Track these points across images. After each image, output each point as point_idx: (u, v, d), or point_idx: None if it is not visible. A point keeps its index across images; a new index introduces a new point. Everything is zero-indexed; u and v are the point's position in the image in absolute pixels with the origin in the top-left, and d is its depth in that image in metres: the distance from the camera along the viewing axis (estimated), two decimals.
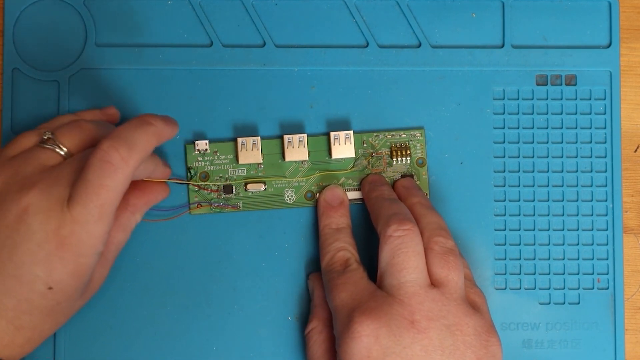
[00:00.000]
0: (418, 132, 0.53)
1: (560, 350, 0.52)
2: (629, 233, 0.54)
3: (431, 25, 0.53)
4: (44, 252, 0.43)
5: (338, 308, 0.47)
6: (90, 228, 0.43)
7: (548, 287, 0.53)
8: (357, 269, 0.48)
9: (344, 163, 0.52)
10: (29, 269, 0.43)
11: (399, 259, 0.46)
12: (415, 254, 0.47)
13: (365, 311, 0.45)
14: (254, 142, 0.51)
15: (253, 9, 0.53)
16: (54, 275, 0.43)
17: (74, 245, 0.43)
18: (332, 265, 0.49)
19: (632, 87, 0.54)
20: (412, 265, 0.46)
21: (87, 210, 0.43)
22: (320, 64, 0.53)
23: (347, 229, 0.51)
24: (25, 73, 0.52)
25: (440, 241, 0.48)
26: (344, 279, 0.48)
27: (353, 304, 0.46)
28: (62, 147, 0.46)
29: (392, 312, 0.45)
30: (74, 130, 0.46)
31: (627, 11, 0.54)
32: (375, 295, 0.46)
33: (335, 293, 0.47)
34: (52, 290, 0.43)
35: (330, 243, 0.50)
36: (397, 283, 0.46)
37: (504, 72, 0.53)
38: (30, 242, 0.43)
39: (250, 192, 0.52)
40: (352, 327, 0.45)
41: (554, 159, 0.53)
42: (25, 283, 0.43)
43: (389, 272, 0.47)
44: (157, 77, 0.52)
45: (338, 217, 0.51)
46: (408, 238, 0.47)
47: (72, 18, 0.52)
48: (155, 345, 0.51)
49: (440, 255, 0.47)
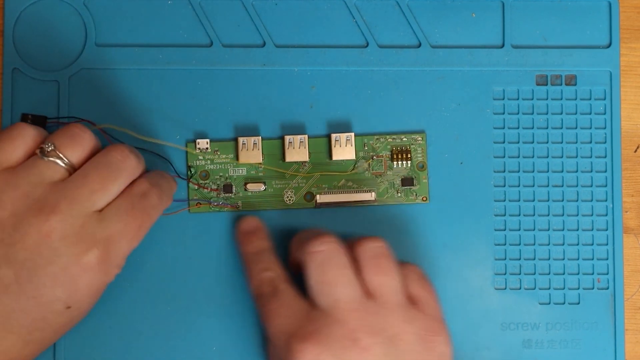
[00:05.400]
0: (419, 136, 0.53)
1: (560, 350, 0.52)
2: (629, 233, 0.54)
3: (431, 25, 0.53)
4: (69, 274, 0.43)
5: (276, 335, 0.45)
6: (124, 248, 0.44)
7: (548, 287, 0.53)
8: (286, 289, 0.47)
9: (344, 165, 0.52)
10: (50, 290, 0.43)
11: (328, 275, 0.45)
12: (343, 266, 0.46)
13: (304, 337, 0.44)
14: (254, 141, 0.51)
15: (253, 9, 0.53)
16: (75, 296, 0.43)
17: (102, 266, 0.43)
18: (260, 289, 0.48)
19: (632, 87, 0.54)
20: (344, 279, 0.45)
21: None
22: (320, 64, 0.53)
23: (268, 251, 0.49)
24: (25, 73, 0.52)
25: (367, 244, 0.47)
26: (276, 303, 0.46)
27: (290, 329, 0.45)
28: (65, 159, 0.45)
29: (332, 333, 0.44)
30: (74, 141, 0.46)
31: (627, 11, 0.54)
32: (312, 316, 0.45)
33: (270, 319, 0.46)
34: (70, 309, 0.44)
35: (254, 267, 0.49)
36: (332, 300, 0.45)
37: (504, 72, 0.53)
38: (54, 265, 0.43)
39: (249, 192, 0.52)
40: (293, 356, 0.44)
41: (554, 159, 0.53)
42: (44, 304, 0.43)
43: (319, 290, 0.46)
44: (157, 77, 0.52)
45: (257, 241, 0.50)
46: (334, 250, 0.46)
47: (72, 18, 0.52)
48: (155, 345, 0.51)
49: (371, 261, 0.46)
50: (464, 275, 0.52)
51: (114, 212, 0.45)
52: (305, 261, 0.46)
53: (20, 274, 0.43)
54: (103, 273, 0.44)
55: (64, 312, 0.44)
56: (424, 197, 0.52)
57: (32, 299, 0.43)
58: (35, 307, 0.43)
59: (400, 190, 0.52)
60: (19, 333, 0.43)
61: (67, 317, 0.44)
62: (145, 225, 0.46)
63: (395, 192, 0.52)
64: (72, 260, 0.43)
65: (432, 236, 0.52)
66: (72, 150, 0.45)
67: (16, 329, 0.43)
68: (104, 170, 0.45)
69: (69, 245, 0.43)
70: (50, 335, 0.45)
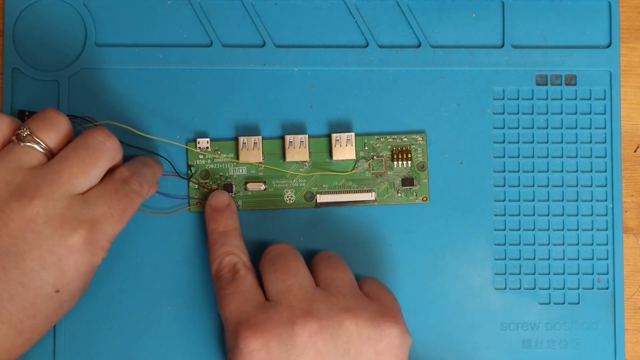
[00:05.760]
0: (420, 136, 0.53)
1: (560, 350, 0.52)
2: (629, 233, 0.54)
3: (431, 25, 0.54)
4: (55, 257, 0.43)
5: (228, 320, 0.46)
6: (109, 231, 0.44)
7: (548, 287, 0.53)
8: (245, 275, 0.47)
9: (345, 165, 0.52)
10: (38, 274, 0.43)
11: (279, 264, 0.47)
12: (295, 259, 0.47)
13: (253, 326, 0.44)
14: (255, 141, 0.52)
15: (253, 9, 0.53)
16: (63, 278, 0.43)
17: (88, 247, 0.43)
18: (220, 272, 0.48)
19: (632, 87, 0.54)
20: (295, 269, 0.47)
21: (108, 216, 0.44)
22: (320, 64, 0.53)
23: (235, 231, 0.50)
24: (25, 73, 0.52)
25: (321, 252, 0.49)
26: (232, 288, 0.47)
27: (241, 316, 0.45)
28: (43, 143, 0.45)
29: (281, 320, 0.44)
30: (50, 125, 0.45)
31: (627, 11, 0.54)
32: (264, 306, 0.45)
33: (224, 304, 0.46)
34: (59, 292, 0.43)
35: (218, 248, 0.49)
36: (283, 287, 0.46)
37: (504, 72, 0.53)
38: (40, 248, 0.43)
39: (250, 192, 0.52)
40: (240, 344, 0.44)
41: (554, 159, 0.53)
42: (32, 289, 0.43)
43: (272, 278, 0.46)
44: (157, 77, 0.52)
45: (224, 220, 0.50)
46: (287, 247, 0.48)
47: (72, 18, 0.52)
48: (155, 344, 0.51)
49: (323, 259, 0.48)
50: (464, 275, 0.52)
51: (97, 195, 0.44)
52: (261, 260, 0.48)
53: (5, 260, 0.42)
54: (90, 254, 0.44)
55: (54, 297, 0.43)
56: (424, 197, 0.52)
57: (20, 284, 0.43)
58: (24, 293, 0.43)
59: (400, 190, 0.52)
60: (9, 322, 0.43)
61: (56, 302, 0.44)
62: (129, 210, 0.46)
63: (396, 192, 0.52)
64: (58, 242, 0.43)
65: (432, 236, 0.52)
66: (49, 134, 0.45)
67: (6, 318, 0.43)
68: (83, 152, 0.45)
69: (54, 227, 0.43)
70: (42, 323, 0.44)
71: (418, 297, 0.52)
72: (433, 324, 0.52)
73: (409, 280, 0.52)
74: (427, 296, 0.52)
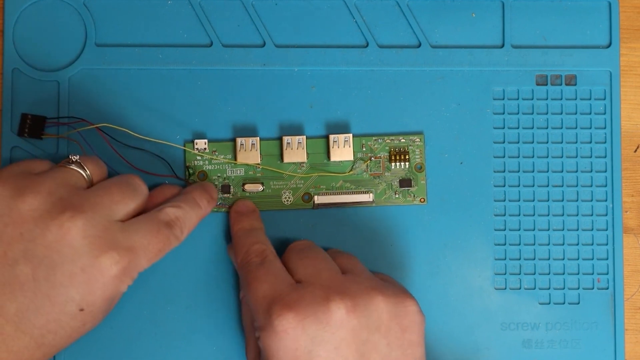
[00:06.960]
0: (417, 137, 0.53)
1: (560, 350, 0.52)
2: (629, 233, 0.54)
3: (431, 25, 0.53)
4: (86, 275, 0.43)
5: (258, 300, 0.45)
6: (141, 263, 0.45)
7: (548, 287, 0.53)
8: (274, 260, 0.48)
9: (342, 166, 0.52)
10: (65, 290, 0.43)
11: (307, 253, 0.48)
12: (321, 250, 0.49)
13: (287, 304, 0.44)
14: (252, 142, 0.52)
15: (253, 9, 0.53)
16: (89, 298, 0.43)
17: (119, 272, 0.44)
18: (248, 257, 0.48)
19: (632, 87, 0.54)
20: (321, 255, 0.48)
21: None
22: (320, 64, 0.53)
23: (261, 230, 0.51)
24: (25, 73, 0.52)
25: (331, 248, 0.51)
26: (264, 270, 0.47)
27: (274, 295, 0.45)
28: (87, 171, 0.47)
29: (315, 299, 0.44)
30: (94, 161, 0.48)
31: (627, 11, 0.54)
32: (296, 287, 0.46)
33: (255, 285, 0.46)
34: (83, 312, 0.44)
35: (245, 240, 0.49)
36: (313, 270, 0.46)
37: (504, 72, 0.53)
38: (72, 264, 0.43)
39: (247, 193, 0.52)
40: (274, 322, 0.44)
41: (554, 159, 0.53)
42: (58, 304, 0.43)
43: (300, 264, 0.47)
44: (157, 77, 0.52)
45: (250, 221, 0.51)
46: (310, 243, 0.50)
47: (72, 18, 0.52)
48: (156, 345, 0.51)
49: (342, 254, 0.50)
50: (464, 275, 0.52)
51: (137, 226, 0.45)
52: (286, 253, 0.48)
53: (37, 271, 0.43)
54: (119, 280, 0.44)
55: (77, 315, 0.44)
56: (421, 199, 0.52)
57: (47, 297, 0.43)
58: (49, 307, 0.43)
59: (398, 191, 0.52)
60: (31, 334, 0.43)
61: (79, 321, 0.44)
62: (165, 252, 0.46)
63: (393, 193, 0.52)
64: (91, 261, 0.43)
65: (432, 236, 0.52)
66: (93, 166, 0.47)
67: (29, 330, 0.43)
68: (124, 185, 0.47)
69: (90, 246, 0.43)
70: (62, 340, 0.44)
71: (418, 298, 0.52)
72: (433, 324, 0.52)
73: (409, 280, 0.52)
74: (427, 296, 0.52)
